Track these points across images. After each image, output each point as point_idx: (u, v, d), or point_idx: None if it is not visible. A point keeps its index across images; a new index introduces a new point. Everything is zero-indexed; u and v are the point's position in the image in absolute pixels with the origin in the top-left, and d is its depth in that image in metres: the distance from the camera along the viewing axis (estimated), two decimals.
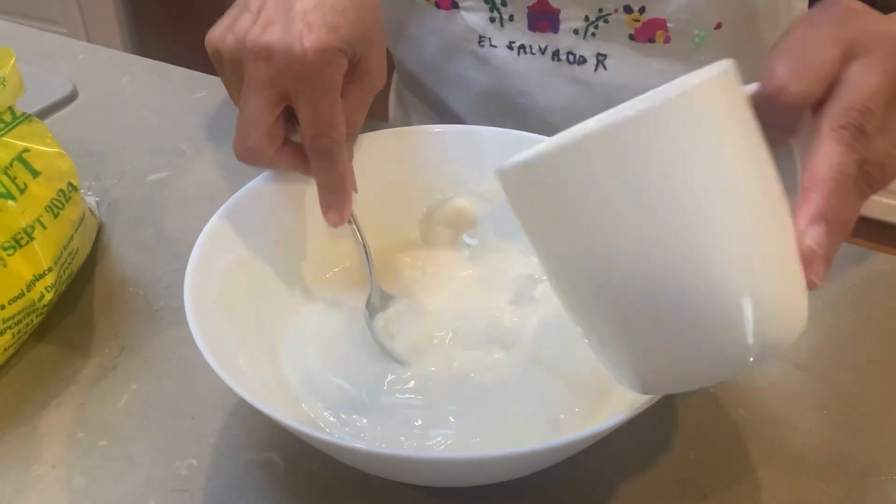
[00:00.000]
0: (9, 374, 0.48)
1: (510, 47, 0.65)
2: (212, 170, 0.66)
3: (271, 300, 0.47)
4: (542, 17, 0.62)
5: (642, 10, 0.59)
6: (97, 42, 1.75)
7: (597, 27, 0.61)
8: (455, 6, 0.65)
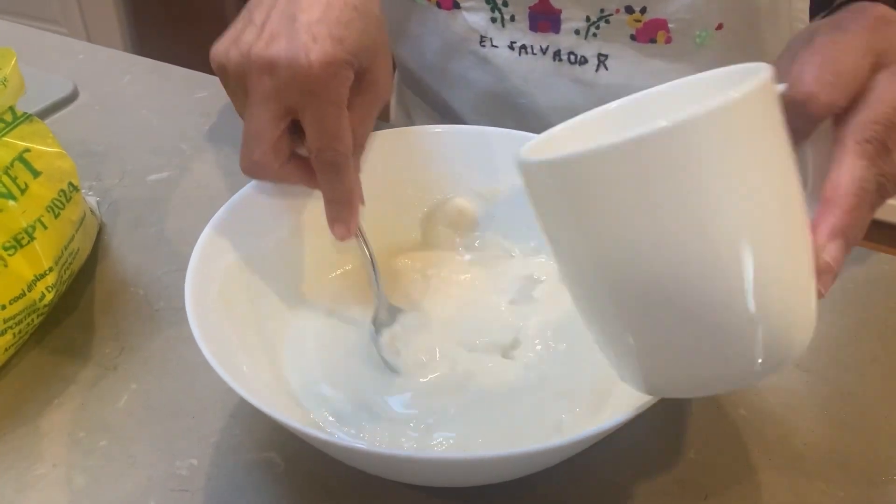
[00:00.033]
0: (10, 373, 0.48)
1: (511, 47, 0.65)
2: (212, 170, 0.66)
3: (272, 301, 0.47)
4: (544, 18, 0.62)
5: (643, 11, 0.59)
6: (97, 42, 1.75)
7: (598, 27, 0.61)
8: (456, 6, 0.65)
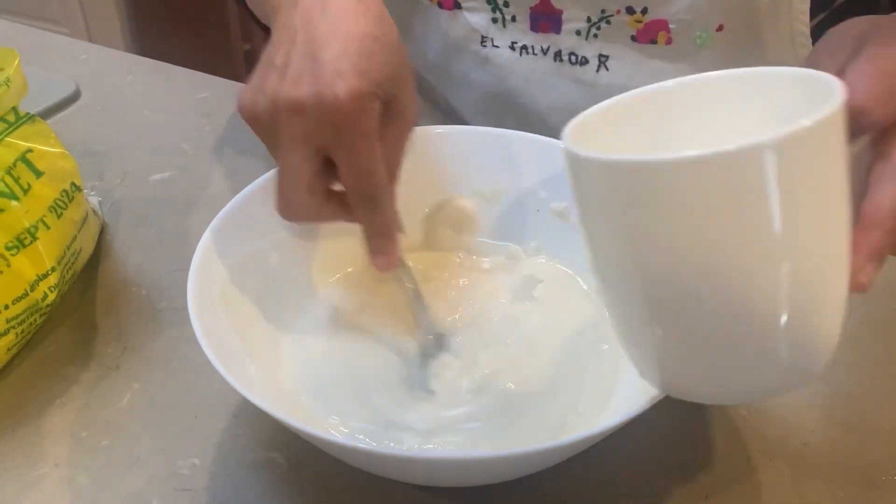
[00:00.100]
0: (12, 373, 0.48)
1: (512, 48, 0.65)
2: (214, 170, 0.66)
3: (274, 301, 0.47)
4: (545, 18, 0.62)
5: (644, 12, 0.59)
6: (98, 42, 1.75)
7: (599, 28, 0.61)
8: (458, 6, 0.65)
